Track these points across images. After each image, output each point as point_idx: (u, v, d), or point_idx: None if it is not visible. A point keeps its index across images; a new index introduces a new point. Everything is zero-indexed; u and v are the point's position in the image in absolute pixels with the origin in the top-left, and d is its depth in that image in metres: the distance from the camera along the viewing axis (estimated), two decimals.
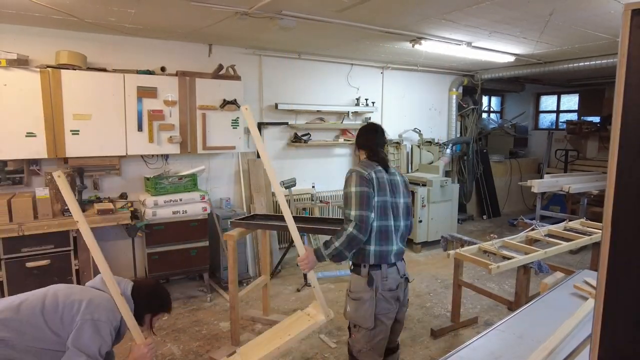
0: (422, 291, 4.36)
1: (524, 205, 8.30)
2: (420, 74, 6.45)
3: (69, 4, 3.11)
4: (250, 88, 4.94)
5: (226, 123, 4.47)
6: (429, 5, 3.23)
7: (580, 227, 3.75)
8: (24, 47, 3.72)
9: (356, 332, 2.21)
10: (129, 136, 4.00)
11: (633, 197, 0.83)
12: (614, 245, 0.85)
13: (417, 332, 3.53)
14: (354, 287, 2.19)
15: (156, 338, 3.36)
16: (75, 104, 3.72)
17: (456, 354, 1.61)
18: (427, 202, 5.63)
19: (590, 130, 7.72)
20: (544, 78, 7.13)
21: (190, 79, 4.24)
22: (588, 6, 3.22)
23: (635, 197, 0.83)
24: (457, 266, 3.51)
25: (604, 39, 4.27)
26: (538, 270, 2.92)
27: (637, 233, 0.83)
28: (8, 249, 3.33)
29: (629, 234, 0.84)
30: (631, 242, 0.84)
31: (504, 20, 3.61)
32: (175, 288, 4.38)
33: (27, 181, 3.84)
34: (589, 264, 3.80)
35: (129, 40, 4.23)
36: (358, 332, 2.21)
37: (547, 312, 1.96)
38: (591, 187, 5.50)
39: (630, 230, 0.84)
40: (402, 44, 4.61)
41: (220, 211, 4.58)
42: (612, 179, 0.84)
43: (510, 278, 4.18)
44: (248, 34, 4.17)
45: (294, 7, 3.29)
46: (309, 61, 5.41)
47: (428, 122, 6.74)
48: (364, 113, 5.88)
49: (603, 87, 7.83)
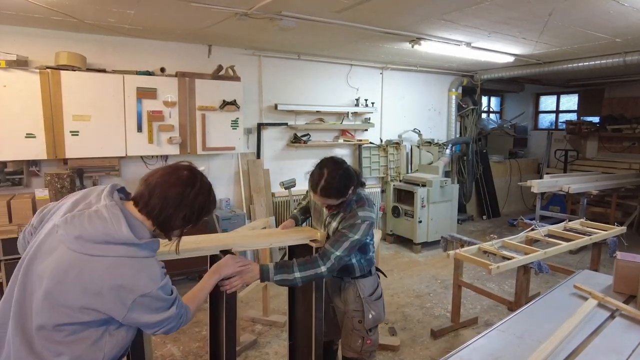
0: (422, 291, 4.36)
1: (523, 205, 8.30)
2: (419, 74, 6.45)
3: (68, 5, 3.11)
4: (249, 89, 4.94)
5: (226, 124, 4.47)
6: (428, 6, 3.23)
7: (580, 227, 3.75)
8: (24, 48, 3.72)
9: (372, 335, 2.21)
10: (128, 137, 3.99)
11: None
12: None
13: (417, 332, 3.53)
14: (369, 289, 2.20)
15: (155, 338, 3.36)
16: (74, 105, 3.72)
17: (456, 354, 1.61)
18: (426, 202, 5.63)
19: (589, 131, 7.74)
20: (544, 78, 7.14)
21: (189, 79, 4.25)
22: (587, 6, 3.22)
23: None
24: (457, 266, 3.51)
25: (604, 39, 4.27)
26: (538, 270, 2.92)
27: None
28: (8, 250, 3.33)
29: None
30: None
31: (503, 21, 3.61)
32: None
33: (26, 182, 3.84)
34: (589, 264, 3.80)
35: (129, 41, 4.23)
36: (374, 334, 2.23)
37: (547, 312, 1.96)
38: (591, 187, 5.49)
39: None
40: (401, 45, 4.61)
41: (220, 212, 4.58)
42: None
43: (510, 278, 4.18)
44: (248, 34, 4.18)
45: (294, 7, 3.29)
46: (309, 62, 5.41)
47: (427, 122, 6.74)
48: (364, 113, 5.88)
49: (603, 87, 7.83)
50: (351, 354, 2.24)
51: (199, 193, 1.36)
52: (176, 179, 1.32)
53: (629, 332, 1.75)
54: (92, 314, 1.20)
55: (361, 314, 2.18)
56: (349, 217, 2.02)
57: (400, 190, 5.94)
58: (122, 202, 1.31)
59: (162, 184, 1.30)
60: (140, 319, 1.25)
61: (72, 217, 1.24)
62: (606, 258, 4.06)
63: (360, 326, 2.19)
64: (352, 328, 2.21)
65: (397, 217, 5.87)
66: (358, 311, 2.19)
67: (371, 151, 6.03)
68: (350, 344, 2.23)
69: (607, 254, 3.61)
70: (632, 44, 4.51)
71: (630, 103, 7.47)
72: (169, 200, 1.29)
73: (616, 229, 3.59)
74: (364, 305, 2.18)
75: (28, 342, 1.22)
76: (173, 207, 1.30)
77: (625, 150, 7.46)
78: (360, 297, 2.19)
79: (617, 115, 7.49)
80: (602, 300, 1.97)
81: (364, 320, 2.18)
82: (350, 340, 2.23)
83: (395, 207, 5.88)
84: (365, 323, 2.18)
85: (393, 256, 5.56)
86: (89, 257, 1.19)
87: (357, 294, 2.19)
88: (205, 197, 1.38)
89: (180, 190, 1.31)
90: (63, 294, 1.18)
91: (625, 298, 2.06)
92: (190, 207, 1.33)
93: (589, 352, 1.59)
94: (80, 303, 1.18)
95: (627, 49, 4.78)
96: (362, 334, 2.19)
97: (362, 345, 2.20)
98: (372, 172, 6.05)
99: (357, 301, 2.19)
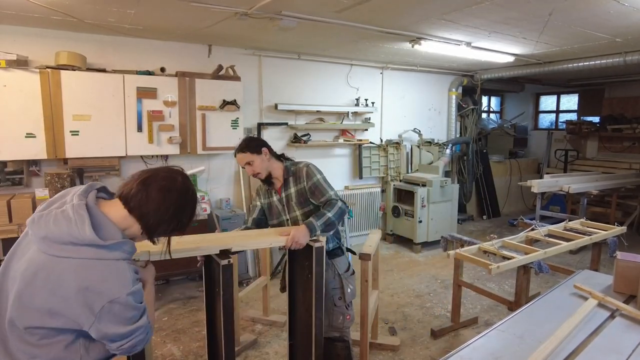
0: (422, 291, 4.36)
1: (523, 205, 8.30)
2: (419, 74, 6.45)
3: (68, 4, 3.11)
4: (249, 88, 4.94)
5: (226, 123, 4.47)
6: (428, 6, 3.23)
7: (580, 227, 3.75)
8: (24, 48, 3.72)
9: (350, 310, 2.44)
10: (128, 137, 3.99)
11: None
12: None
13: (417, 332, 3.53)
14: (344, 267, 2.44)
15: (155, 338, 3.37)
16: (74, 104, 3.72)
17: (456, 354, 1.61)
18: (427, 202, 5.63)
19: (590, 130, 7.73)
20: (544, 78, 7.14)
21: (190, 79, 4.24)
22: (587, 6, 3.22)
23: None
24: (457, 266, 3.51)
25: (604, 39, 4.27)
26: (538, 270, 2.92)
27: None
28: (8, 250, 3.32)
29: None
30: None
31: (503, 21, 3.61)
32: (175, 289, 4.38)
33: (26, 182, 3.84)
34: (589, 264, 3.79)
35: (129, 41, 4.23)
36: (351, 310, 2.46)
37: (547, 312, 1.96)
38: (591, 187, 5.49)
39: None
40: (401, 44, 4.61)
41: (220, 212, 4.58)
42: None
43: (510, 278, 4.18)
44: (248, 34, 4.17)
45: (294, 7, 3.28)
46: (309, 61, 5.41)
47: (428, 122, 6.73)
48: (364, 113, 5.88)
49: (603, 87, 7.83)
50: (333, 332, 2.40)
51: (192, 200, 1.35)
52: (173, 184, 1.30)
53: (629, 332, 1.75)
54: (60, 319, 1.15)
55: (341, 291, 2.39)
56: (298, 173, 2.36)
57: (401, 190, 5.94)
58: (101, 201, 1.27)
59: (161, 189, 1.27)
60: (109, 330, 1.17)
61: (40, 217, 1.19)
62: (606, 258, 4.06)
63: (341, 302, 2.39)
64: (332, 306, 2.39)
65: (397, 217, 5.87)
66: (337, 288, 2.39)
67: (371, 151, 6.03)
68: (333, 322, 2.40)
69: (607, 254, 3.61)
70: (632, 44, 4.51)
71: (631, 103, 7.47)
72: (167, 208, 1.27)
73: (616, 229, 3.59)
74: (342, 280, 2.40)
75: (2, 342, 1.20)
76: (169, 215, 1.29)
77: (625, 150, 7.46)
78: (339, 274, 2.40)
79: (617, 115, 7.48)
80: (602, 300, 1.98)
81: (344, 296, 2.39)
82: (331, 319, 2.39)
83: (395, 207, 5.89)
84: (346, 297, 2.40)
85: (393, 256, 5.56)
86: (57, 258, 1.15)
87: (335, 272, 2.40)
88: (195, 203, 1.38)
89: (177, 198, 1.29)
90: (31, 297, 1.14)
91: (625, 298, 2.06)
92: (183, 214, 1.33)
93: (589, 352, 1.59)
94: (48, 306, 1.14)
95: (627, 49, 4.78)
96: (342, 310, 2.40)
97: (343, 321, 2.42)
98: (372, 171, 6.05)
99: (336, 279, 2.40)
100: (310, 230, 2.09)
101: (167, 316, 3.81)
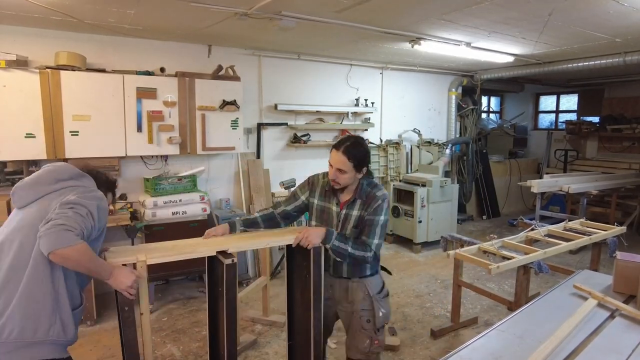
0: (422, 291, 4.36)
1: (523, 205, 8.30)
2: (419, 74, 6.45)
3: (68, 4, 3.11)
4: (249, 89, 4.94)
5: (226, 124, 4.47)
6: (428, 6, 3.23)
7: (580, 227, 3.75)
8: (23, 48, 3.72)
9: (379, 335, 2.18)
10: (128, 137, 3.99)
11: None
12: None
13: (417, 332, 3.53)
14: (377, 287, 2.21)
15: (155, 338, 3.36)
16: (74, 105, 3.72)
17: (456, 354, 1.61)
18: (426, 202, 5.63)
19: (589, 130, 7.74)
20: (544, 78, 7.14)
21: (189, 79, 4.24)
22: (587, 6, 3.22)
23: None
24: (457, 266, 3.51)
25: (604, 39, 4.27)
26: (538, 270, 2.92)
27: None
28: None
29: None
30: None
31: (503, 21, 3.61)
32: (175, 289, 4.38)
33: None
34: (589, 264, 3.79)
35: (128, 41, 4.23)
36: (381, 335, 2.20)
37: (547, 312, 1.96)
38: (591, 187, 5.50)
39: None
40: (401, 45, 4.61)
41: (220, 212, 4.58)
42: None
43: (510, 278, 4.17)
44: (247, 34, 4.17)
45: (294, 7, 3.29)
46: (309, 62, 5.41)
47: (427, 122, 6.74)
48: (364, 113, 5.88)
49: (602, 87, 7.84)
50: (358, 355, 2.19)
51: None
52: None
53: (628, 332, 1.75)
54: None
55: (370, 313, 2.16)
56: (369, 200, 2.12)
57: (400, 190, 5.94)
58: None
59: None
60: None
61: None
62: (606, 258, 4.06)
63: (369, 326, 2.16)
64: (360, 328, 2.17)
65: (397, 217, 5.87)
66: (367, 310, 2.16)
67: (371, 151, 6.02)
68: (358, 344, 2.18)
69: (607, 254, 3.61)
70: (632, 44, 4.51)
71: (630, 103, 7.47)
72: None
73: (616, 229, 3.59)
74: (373, 303, 2.16)
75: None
76: None
77: (625, 150, 7.46)
78: (370, 295, 2.17)
79: (617, 115, 7.49)
80: (602, 300, 1.98)
81: (373, 319, 2.15)
82: (357, 341, 2.18)
83: (395, 207, 5.89)
84: (376, 321, 2.16)
85: (393, 256, 5.56)
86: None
87: (366, 293, 2.17)
88: None
89: None
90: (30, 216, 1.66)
91: (625, 298, 2.06)
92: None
93: (589, 352, 1.59)
94: (42, 214, 1.60)
95: (627, 49, 4.78)
96: (370, 334, 2.16)
97: (370, 345, 2.16)
98: (372, 171, 6.04)
99: (366, 300, 2.17)
100: (326, 238, 2.01)
101: (167, 316, 3.81)
